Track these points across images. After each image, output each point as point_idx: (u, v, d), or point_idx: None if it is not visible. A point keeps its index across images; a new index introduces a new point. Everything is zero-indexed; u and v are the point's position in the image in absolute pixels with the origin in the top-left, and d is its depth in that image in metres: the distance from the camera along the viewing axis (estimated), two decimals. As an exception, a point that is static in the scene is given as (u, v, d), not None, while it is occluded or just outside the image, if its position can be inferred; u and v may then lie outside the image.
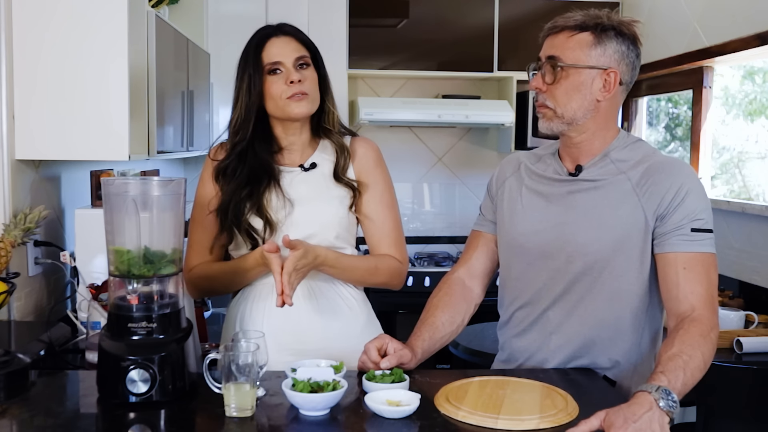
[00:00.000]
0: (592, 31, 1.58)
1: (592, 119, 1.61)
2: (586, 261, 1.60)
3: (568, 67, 1.58)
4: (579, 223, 1.61)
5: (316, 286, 1.78)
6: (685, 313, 1.49)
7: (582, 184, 1.64)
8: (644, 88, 3.83)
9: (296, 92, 1.71)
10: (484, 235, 1.81)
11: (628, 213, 1.58)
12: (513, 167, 1.79)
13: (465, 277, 1.80)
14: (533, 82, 1.63)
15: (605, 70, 1.58)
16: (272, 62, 1.73)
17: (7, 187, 2.03)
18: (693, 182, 1.57)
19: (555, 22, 1.62)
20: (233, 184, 1.74)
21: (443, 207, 4.27)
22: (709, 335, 1.46)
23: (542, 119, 1.64)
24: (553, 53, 1.59)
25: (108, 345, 1.43)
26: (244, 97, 1.74)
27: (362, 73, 3.94)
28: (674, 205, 1.54)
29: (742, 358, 2.42)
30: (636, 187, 1.59)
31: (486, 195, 1.84)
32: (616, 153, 1.63)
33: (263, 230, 1.73)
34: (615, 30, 1.59)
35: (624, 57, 1.60)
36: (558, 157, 1.71)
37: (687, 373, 1.37)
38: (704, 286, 1.52)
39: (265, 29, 1.77)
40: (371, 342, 1.57)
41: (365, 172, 1.84)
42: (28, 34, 2.05)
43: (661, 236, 1.56)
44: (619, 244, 1.58)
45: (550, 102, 1.61)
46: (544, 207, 1.67)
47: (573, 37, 1.59)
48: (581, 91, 1.59)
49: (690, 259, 1.53)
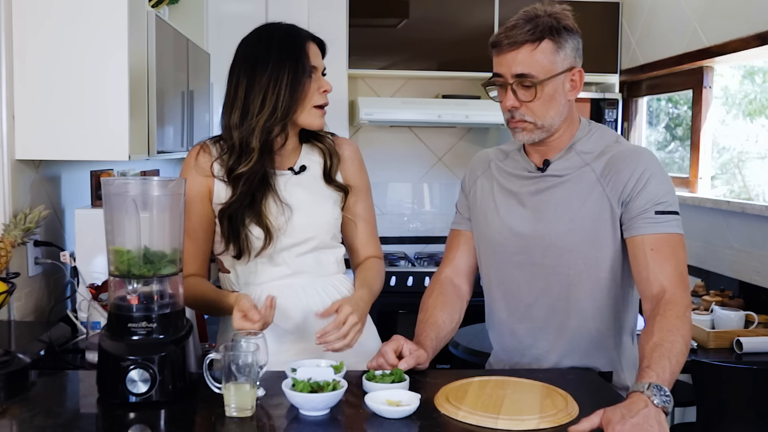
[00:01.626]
0: (549, 38, 1.57)
1: (564, 119, 1.64)
2: (561, 254, 1.63)
3: (542, 81, 1.57)
4: (550, 218, 1.64)
5: (315, 285, 1.78)
6: (658, 295, 1.51)
7: (549, 180, 1.66)
8: (644, 88, 3.83)
9: (326, 102, 1.74)
10: (464, 233, 1.83)
11: (595, 203, 1.61)
12: (483, 166, 1.80)
13: (452, 276, 1.81)
14: (507, 103, 1.61)
15: (570, 70, 1.60)
16: (313, 65, 1.72)
17: (7, 187, 2.03)
18: (654, 167, 1.60)
19: (508, 36, 1.58)
20: (242, 188, 1.69)
21: (443, 207, 4.27)
22: (685, 315, 1.48)
23: (521, 132, 1.63)
24: (523, 71, 1.57)
25: (108, 345, 1.43)
26: (286, 95, 1.67)
27: (362, 73, 3.94)
28: (637, 191, 1.57)
29: (742, 358, 2.43)
30: (600, 177, 1.61)
31: (461, 193, 1.86)
32: (581, 144, 1.66)
33: (264, 240, 1.71)
34: (565, 29, 1.59)
35: (577, 50, 1.62)
36: (524, 152, 1.72)
37: (672, 361, 1.38)
38: (673, 265, 1.53)
39: (298, 29, 1.75)
40: (387, 345, 1.57)
41: (352, 173, 1.85)
42: (28, 34, 2.05)
43: (628, 221, 1.59)
44: (591, 234, 1.61)
45: (529, 117, 1.61)
46: (516, 205, 1.69)
47: (536, 49, 1.57)
48: (556, 98, 1.60)
49: (657, 240, 1.55)
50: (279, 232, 1.73)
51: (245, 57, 1.72)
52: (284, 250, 1.75)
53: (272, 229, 1.71)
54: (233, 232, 1.71)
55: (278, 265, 1.76)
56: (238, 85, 1.71)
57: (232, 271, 1.79)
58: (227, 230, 1.72)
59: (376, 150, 4.07)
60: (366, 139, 4.16)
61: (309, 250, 1.78)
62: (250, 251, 1.72)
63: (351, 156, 1.87)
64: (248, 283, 1.78)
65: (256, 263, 1.75)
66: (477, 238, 1.79)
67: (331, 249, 1.82)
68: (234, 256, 1.75)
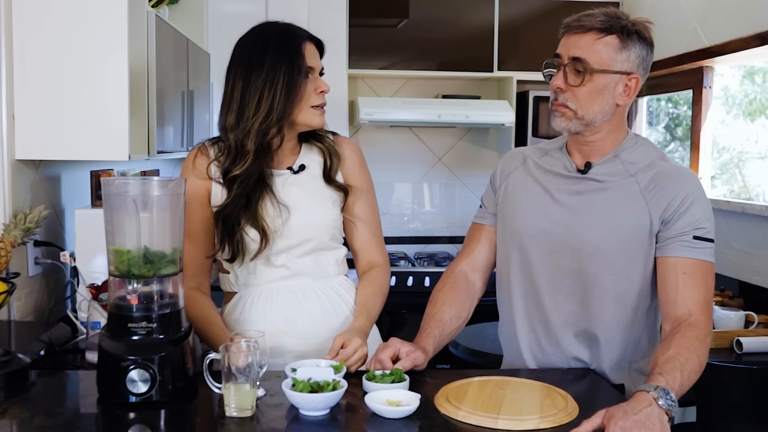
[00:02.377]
0: (618, 35, 1.56)
1: (608, 121, 1.62)
2: (591, 260, 1.61)
3: (594, 71, 1.56)
4: (586, 222, 1.62)
5: (314, 287, 1.78)
6: (682, 318, 1.51)
7: (590, 183, 1.64)
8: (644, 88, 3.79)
9: (323, 102, 1.72)
10: (487, 227, 1.80)
11: (635, 215, 1.59)
12: (518, 161, 1.78)
13: (468, 270, 1.79)
14: (556, 82, 1.60)
15: (628, 75, 1.58)
16: (309, 66, 1.70)
17: (7, 187, 2.03)
18: (699, 191, 1.59)
19: (579, 20, 1.58)
20: (237, 191, 1.68)
21: (443, 207, 4.27)
22: (705, 340, 1.48)
23: (560, 118, 1.61)
24: (580, 55, 1.56)
25: (108, 345, 1.43)
26: (281, 95, 1.66)
27: (362, 73, 3.94)
28: (680, 212, 1.56)
29: (742, 358, 2.42)
30: (644, 191, 1.59)
31: (488, 187, 1.83)
32: (627, 154, 1.64)
33: (260, 242, 1.69)
34: (638, 34, 1.58)
35: (643, 62, 1.60)
36: (566, 151, 1.70)
37: (684, 375, 1.38)
38: (702, 293, 1.53)
39: (295, 28, 1.74)
40: (383, 351, 1.55)
41: (352, 173, 1.83)
42: (28, 34, 2.05)
43: (664, 241, 1.57)
44: (625, 245, 1.59)
45: (571, 103, 1.59)
46: (550, 203, 1.67)
47: (600, 39, 1.56)
48: (604, 95, 1.58)
49: (690, 265, 1.54)
50: (275, 234, 1.71)
51: (241, 58, 1.71)
52: (282, 252, 1.74)
53: (268, 231, 1.69)
54: (228, 234, 1.70)
55: (277, 267, 1.75)
56: (234, 86, 1.69)
57: (232, 272, 1.78)
58: (221, 232, 1.70)
59: (376, 150, 4.07)
60: (366, 139, 4.16)
61: (308, 252, 1.76)
62: (244, 254, 1.71)
63: (351, 155, 1.84)
64: (247, 284, 1.78)
65: (255, 264, 1.75)
66: (501, 234, 1.76)
67: (330, 250, 1.81)
68: (227, 259, 1.74)
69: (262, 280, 1.76)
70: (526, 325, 1.71)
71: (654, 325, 1.68)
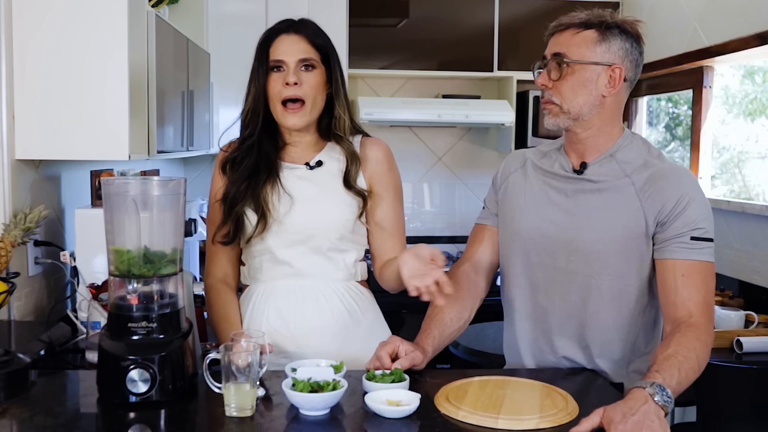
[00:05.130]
0: (597, 29, 1.59)
1: (597, 115, 1.62)
2: (587, 262, 1.61)
3: (573, 63, 1.59)
4: (581, 223, 1.62)
5: (315, 290, 1.77)
6: (682, 319, 1.51)
7: (586, 184, 1.64)
8: (644, 87, 3.82)
9: (291, 95, 1.69)
10: (489, 228, 1.81)
11: (630, 217, 1.59)
12: (519, 162, 1.79)
13: (471, 271, 1.79)
14: (539, 79, 1.64)
15: (610, 66, 1.59)
16: (275, 60, 1.71)
17: (7, 187, 2.03)
18: (696, 191, 1.59)
19: (560, 21, 1.63)
20: (235, 175, 1.75)
21: (443, 207, 4.27)
22: (706, 340, 1.48)
23: (548, 116, 1.64)
24: (559, 50, 1.60)
25: (108, 345, 1.43)
26: (253, 90, 1.75)
27: (362, 72, 3.94)
28: (675, 213, 1.56)
29: (742, 358, 2.42)
30: (639, 191, 1.59)
31: (491, 188, 1.84)
32: (622, 154, 1.64)
33: (256, 223, 1.72)
34: (619, 28, 1.60)
35: (628, 54, 1.61)
36: (563, 152, 1.71)
37: (682, 373, 1.38)
38: (702, 294, 1.53)
39: (281, 24, 1.76)
40: (382, 348, 1.55)
41: (377, 178, 1.80)
42: (28, 34, 2.05)
43: (661, 242, 1.57)
44: (620, 246, 1.59)
45: (556, 98, 1.61)
46: (547, 204, 1.67)
47: (578, 34, 1.60)
48: (587, 86, 1.59)
49: (689, 267, 1.54)
50: (274, 219, 1.72)
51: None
52: (287, 248, 1.74)
53: (268, 215, 1.71)
54: (229, 211, 1.74)
55: (281, 264, 1.75)
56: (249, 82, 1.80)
57: (246, 265, 1.82)
58: (225, 210, 1.74)
59: (376, 150, 4.06)
60: (366, 139, 4.16)
61: (314, 251, 1.75)
62: (241, 234, 1.74)
63: (377, 157, 1.81)
64: (254, 279, 1.81)
65: (261, 260, 1.77)
66: (503, 234, 1.77)
67: (340, 252, 1.77)
68: (224, 241, 1.75)
69: (266, 276, 1.78)
70: (525, 326, 1.72)
71: (651, 326, 1.68)
